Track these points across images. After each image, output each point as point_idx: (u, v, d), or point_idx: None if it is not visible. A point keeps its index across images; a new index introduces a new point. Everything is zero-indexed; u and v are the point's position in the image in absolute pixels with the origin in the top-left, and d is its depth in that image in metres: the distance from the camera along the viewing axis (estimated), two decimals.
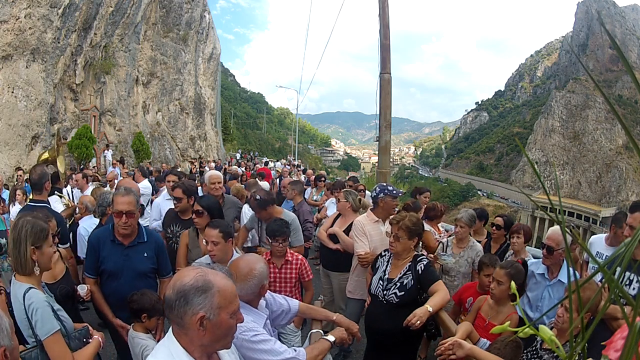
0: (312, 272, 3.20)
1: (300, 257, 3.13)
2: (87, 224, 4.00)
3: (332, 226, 3.99)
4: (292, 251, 3.15)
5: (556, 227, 2.92)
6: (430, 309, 2.29)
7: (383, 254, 2.82)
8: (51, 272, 2.47)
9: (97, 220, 3.90)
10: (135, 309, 2.40)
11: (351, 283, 3.50)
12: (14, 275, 1.83)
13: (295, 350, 1.74)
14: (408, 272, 2.54)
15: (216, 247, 2.47)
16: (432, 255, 3.52)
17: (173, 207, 3.71)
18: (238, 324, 1.64)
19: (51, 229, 2.40)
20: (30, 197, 3.62)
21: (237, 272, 1.77)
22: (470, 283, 3.25)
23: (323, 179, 7.82)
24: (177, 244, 3.43)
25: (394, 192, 3.43)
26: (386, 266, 2.70)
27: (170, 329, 1.24)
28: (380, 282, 2.65)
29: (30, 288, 1.77)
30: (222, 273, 1.28)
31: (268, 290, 2.10)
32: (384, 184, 3.60)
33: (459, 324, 2.38)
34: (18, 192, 5.06)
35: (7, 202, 5.07)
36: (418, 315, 2.23)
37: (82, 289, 2.52)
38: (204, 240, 2.58)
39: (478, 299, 2.78)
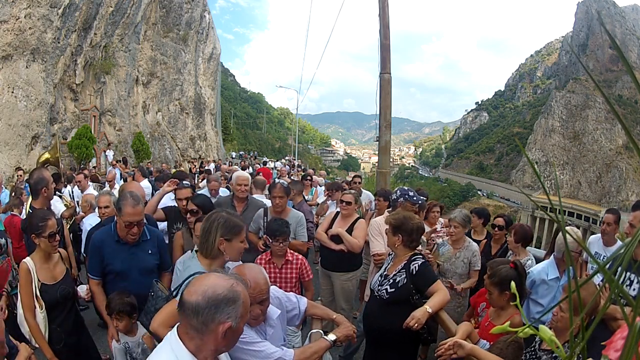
0: (312, 272, 3.20)
1: (300, 257, 3.13)
2: (93, 221, 4.00)
3: (330, 227, 3.96)
4: (292, 251, 3.15)
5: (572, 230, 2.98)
6: (429, 310, 2.28)
7: (391, 252, 2.83)
8: (51, 274, 2.47)
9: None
10: (113, 309, 2.46)
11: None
12: (196, 252, 2.11)
13: (283, 351, 1.73)
14: (402, 270, 2.54)
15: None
16: (429, 255, 3.50)
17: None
18: None
19: (50, 227, 2.40)
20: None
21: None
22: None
23: (309, 177, 7.79)
24: None
25: (415, 198, 3.49)
26: (389, 263, 2.72)
27: (175, 329, 1.23)
28: (379, 277, 2.67)
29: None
30: (242, 282, 1.29)
31: (281, 290, 2.10)
32: (406, 189, 3.63)
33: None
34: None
35: (7, 202, 5.07)
36: (416, 318, 2.23)
37: (82, 290, 2.52)
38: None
39: None
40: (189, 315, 1.18)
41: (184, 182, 3.90)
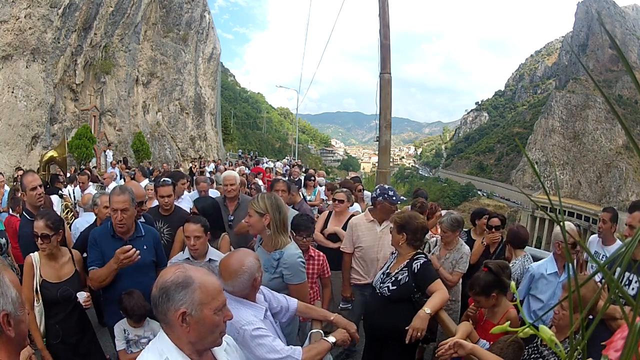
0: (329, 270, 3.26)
1: (322, 254, 3.20)
2: (84, 221, 4.00)
3: (325, 226, 4.01)
4: (314, 248, 3.23)
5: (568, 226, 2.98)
6: (428, 311, 2.29)
7: (394, 250, 2.83)
8: (57, 273, 2.48)
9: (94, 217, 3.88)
10: (122, 307, 2.47)
11: None
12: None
13: (291, 349, 1.74)
14: (405, 269, 2.55)
15: (199, 241, 2.59)
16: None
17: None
18: (238, 319, 1.64)
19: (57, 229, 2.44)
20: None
21: (227, 269, 1.76)
22: None
23: (313, 178, 7.81)
24: (161, 240, 3.43)
25: (394, 198, 3.39)
26: (392, 262, 2.72)
27: (161, 327, 1.24)
28: (382, 275, 2.68)
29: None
30: (204, 269, 1.27)
31: (268, 288, 2.10)
32: (386, 187, 3.55)
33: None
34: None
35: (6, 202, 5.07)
36: (417, 329, 2.25)
37: (81, 296, 2.51)
38: (185, 235, 2.64)
39: None
40: (153, 309, 1.20)
41: (165, 179, 3.86)
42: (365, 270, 3.43)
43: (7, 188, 6.04)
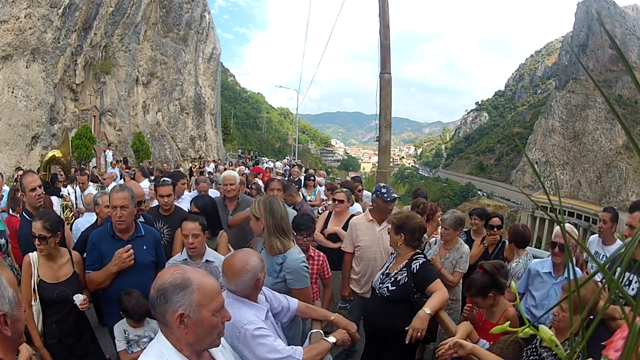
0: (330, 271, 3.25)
1: (322, 254, 3.19)
2: (85, 221, 4.00)
3: (325, 226, 4.01)
4: (314, 248, 3.23)
5: (566, 226, 2.97)
6: (429, 311, 2.28)
7: (393, 251, 2.83)
8: (55, 273, 2.47)
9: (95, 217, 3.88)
10: (122, 308, 2.46)
11: None
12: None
13: (292, 349, 1.75)
14: (404, 269, 2.54)
15: (197, 239, 2.59)
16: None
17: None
18: (239, 318, 1.65)
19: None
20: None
21: (231, 268, 1.76)
22: None
23: (313, 178, 7.81)
24: (161, 240, 3.43)
25: (386, 195, 3.35)
26: (391, 262, 2.72)
27: (159, 328, 1.24)
28: (381, 275, 2.68)
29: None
30: (202, 270, 1.27)
31: (269, 289, 2.10)
32: (380, 185, 3.54)
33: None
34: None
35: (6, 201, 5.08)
36: (417, 329, 2.25)
37: (78, 298, 2.50)
38: (183, 234, 2.63)
39: None
40: (152, 310, 1.19)
41: (164, 179, 3.86)
42: (364, 270, 3.43)
43: (6, 188, 6.06)
